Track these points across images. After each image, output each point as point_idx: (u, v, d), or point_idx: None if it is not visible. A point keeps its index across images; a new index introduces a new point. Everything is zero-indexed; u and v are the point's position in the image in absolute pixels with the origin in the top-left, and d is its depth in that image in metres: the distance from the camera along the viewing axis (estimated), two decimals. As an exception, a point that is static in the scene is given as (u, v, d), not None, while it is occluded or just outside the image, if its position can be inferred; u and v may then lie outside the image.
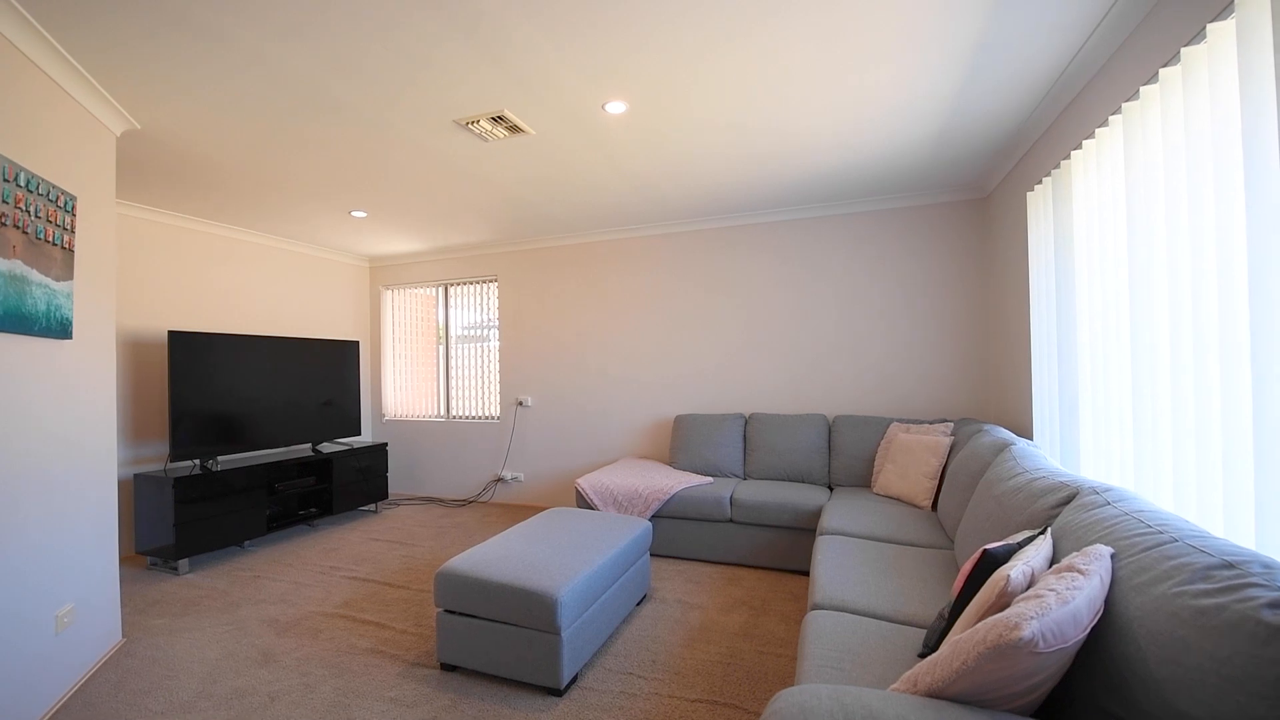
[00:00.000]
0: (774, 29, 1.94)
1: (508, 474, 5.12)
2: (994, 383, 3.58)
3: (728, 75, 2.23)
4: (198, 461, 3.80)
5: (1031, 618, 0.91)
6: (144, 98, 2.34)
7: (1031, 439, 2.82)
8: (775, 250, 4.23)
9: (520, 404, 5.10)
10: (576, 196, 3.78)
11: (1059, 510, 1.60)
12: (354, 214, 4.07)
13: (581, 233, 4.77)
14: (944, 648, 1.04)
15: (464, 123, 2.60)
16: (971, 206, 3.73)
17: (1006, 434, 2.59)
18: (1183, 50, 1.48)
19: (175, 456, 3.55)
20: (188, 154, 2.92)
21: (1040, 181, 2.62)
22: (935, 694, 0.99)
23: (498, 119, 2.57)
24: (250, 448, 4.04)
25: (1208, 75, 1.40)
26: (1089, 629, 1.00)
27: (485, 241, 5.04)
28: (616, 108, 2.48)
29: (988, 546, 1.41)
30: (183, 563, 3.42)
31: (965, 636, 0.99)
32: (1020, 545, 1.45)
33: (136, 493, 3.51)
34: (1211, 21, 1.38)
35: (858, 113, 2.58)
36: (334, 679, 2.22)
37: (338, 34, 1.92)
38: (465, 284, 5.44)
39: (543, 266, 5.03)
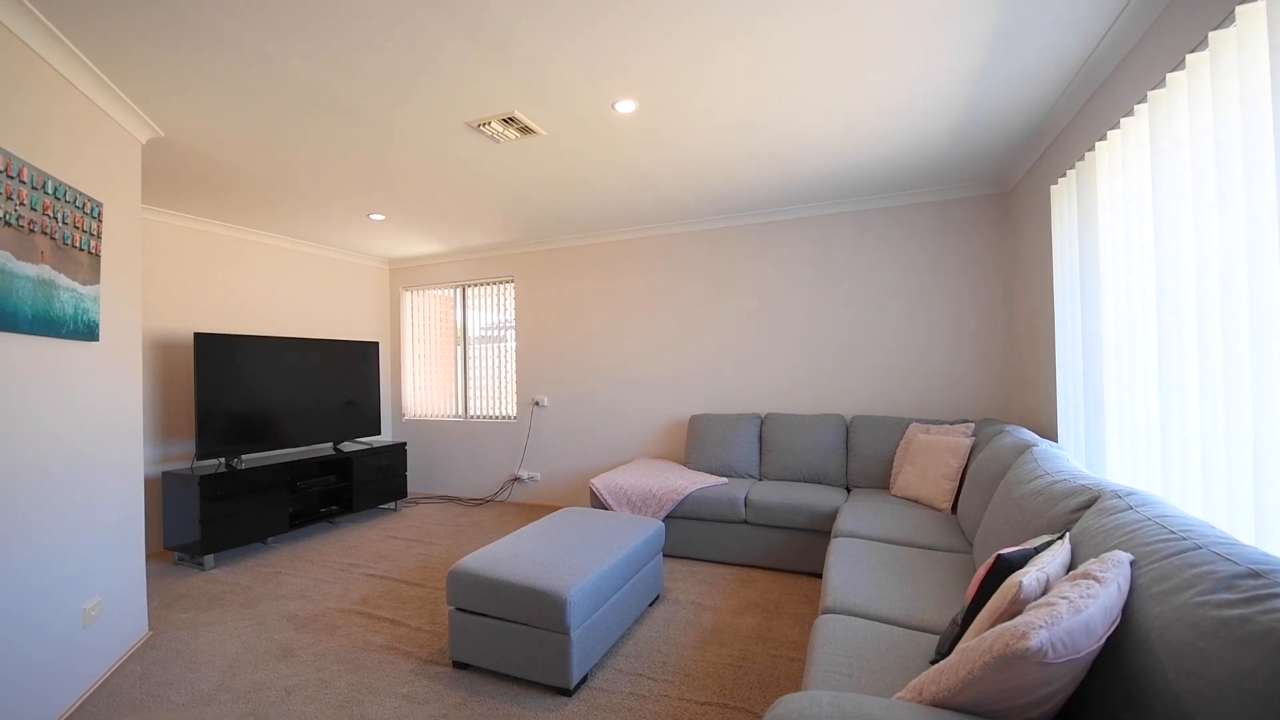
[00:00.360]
0: (781, 24, 1.91)
1: (524, 473, 5.15)
2: (1017, 382, 3.48)
3: (737, 71, 2.21)
4: (223, 460, 3.90)
5: (1040, 627, 0.87)
6: (165, 106, 2.40)
7: (1055, 440, 2.73)
8: (790, 248, 4.18)
9: (537, 404, 5.13)
10: (589, 197, 3.78)
11: (1079, 514, 1.54)
12: (372, 216, 4.13)
13: (596, 233, 4.78)
14: (952, 656, 1.01)
15: (475, 124, 2.61)
16: (993, 201, 3.64)
17: (1029, 435, 2.52)
18: (1210, 34, 1.42)
19: (201, 455, 3.65)
20: (208, 159, 2.99)
21: (1064, 174, 2.54)
22: (941, 703, 0.96)
23: (509, 120, 2.58)
24: (273, 447, 4.13)
25: (1237, 60, 1.33)
26: (1104, 639, 0.96)
27: (501, 243, 5.08)
28: (626, 107, 2.48)
29: (1002, 551, 1.37)
30: (208, 558, 3.51)
31: (972, 645, 0.96)
32: (1037, 550, 1.40)
33: (165, 490, 3.62)
34: (1240, 3, 1.31)
35: (871, 106, 2.53)
36: (349, 674, 2.25)
37: (340, 35, 1.94)
38: (482, 285, 5.49)
39: (558, 267, 5.05)
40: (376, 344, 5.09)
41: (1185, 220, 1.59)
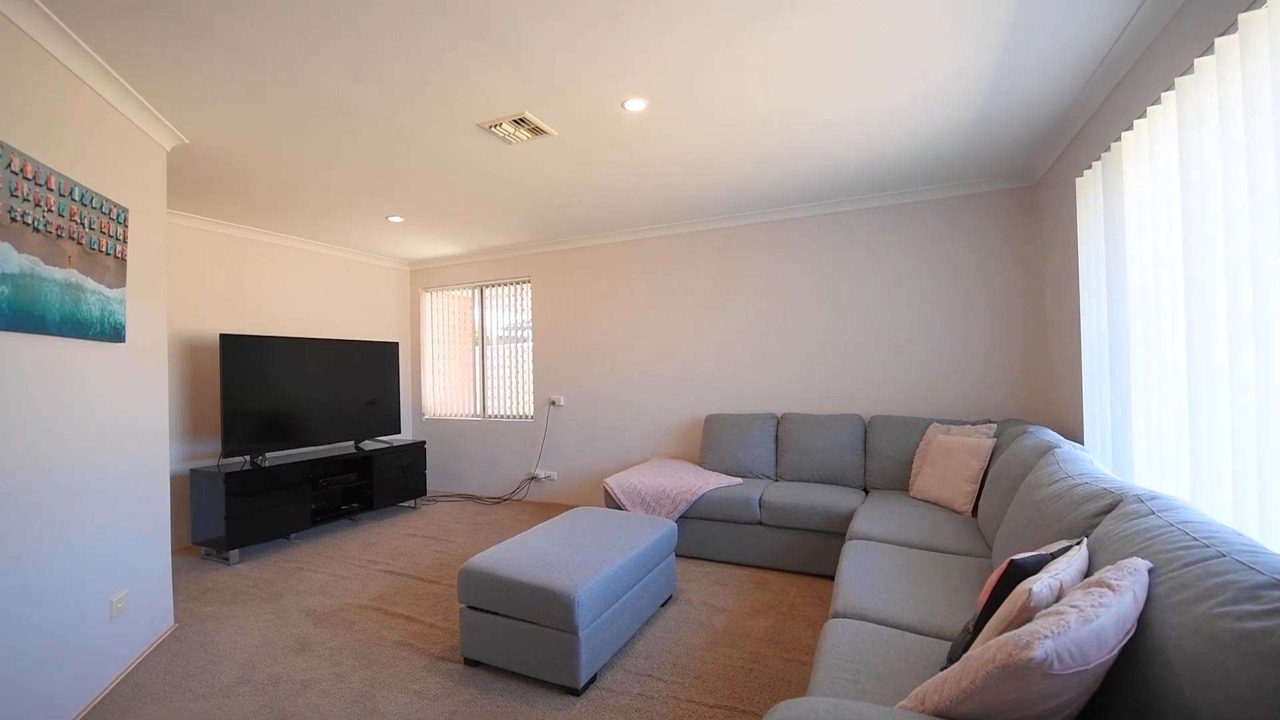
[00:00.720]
0: (789, 19, 1.88)
1: (541, 472, 5.18)
2: (1041, 382, 3.38)
3: (747, 67, 2.18)
4: (248, 458, 4.00)
5: (1045, 637, 0.84)
6: (179, 108, 2.45)
7: (1081, 442, 2.64)
8: (806, 246, 4.12)
9: (553, 404, 5.15)
10: (602, 197, 3.78)
11: (1100, 519, 1.48)
12: (391, 219, 4.20)
13: (610, 233, 4.78)
14: (956, 665, 0.98)
15: (487, 126, 2.63)
16: (1017, 195, 3.53)
17: (1052, 436, 2.44)
18: (1240, 17, 1.35)
19: (227, 453, 3.75)
20: (226, 164, 3.06)
21: (1089, 166, 2.45)
22: (943, 713, 0.93)
23: (520, 121, 2.60)
24: (297, 445, 4.23)
25: (1268, 43, 1.27)
26: (1117, 650, 0.92)
27: (517, 243, 5.12)
28: (636, 105, 2.46)
29: (1015, 557, 1.32)
30: (233, 553, 3.60)
31: (976, 654, 0.93)
32: (1053, 556, 1.35)
33: (192, 487, 3.72)
34: (1271, -17, 1.25)
35: (886, 100, 2.48)
36: (363, 670, 2.29)
37: (344, 37, 1.95)
38: (500, 285, 5.54)
39: (574, 267, 5.06)
40: (396, 344, 5.17)
41: (1215, 212, 1.52)
